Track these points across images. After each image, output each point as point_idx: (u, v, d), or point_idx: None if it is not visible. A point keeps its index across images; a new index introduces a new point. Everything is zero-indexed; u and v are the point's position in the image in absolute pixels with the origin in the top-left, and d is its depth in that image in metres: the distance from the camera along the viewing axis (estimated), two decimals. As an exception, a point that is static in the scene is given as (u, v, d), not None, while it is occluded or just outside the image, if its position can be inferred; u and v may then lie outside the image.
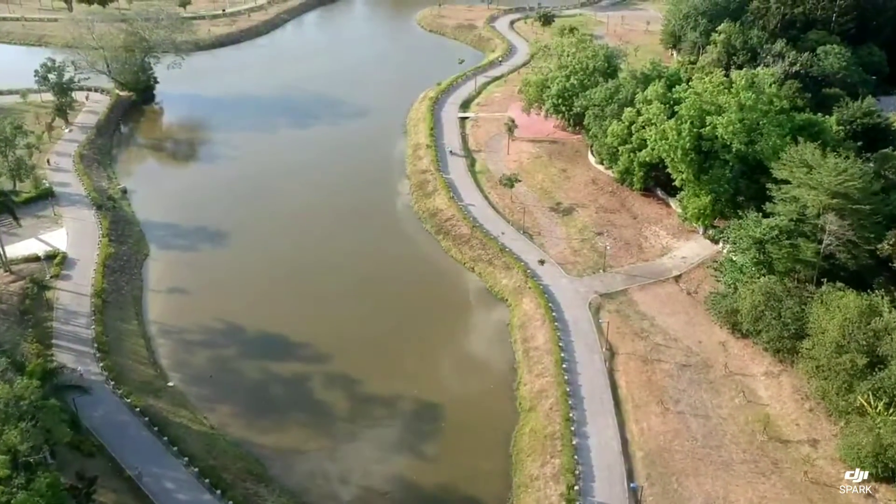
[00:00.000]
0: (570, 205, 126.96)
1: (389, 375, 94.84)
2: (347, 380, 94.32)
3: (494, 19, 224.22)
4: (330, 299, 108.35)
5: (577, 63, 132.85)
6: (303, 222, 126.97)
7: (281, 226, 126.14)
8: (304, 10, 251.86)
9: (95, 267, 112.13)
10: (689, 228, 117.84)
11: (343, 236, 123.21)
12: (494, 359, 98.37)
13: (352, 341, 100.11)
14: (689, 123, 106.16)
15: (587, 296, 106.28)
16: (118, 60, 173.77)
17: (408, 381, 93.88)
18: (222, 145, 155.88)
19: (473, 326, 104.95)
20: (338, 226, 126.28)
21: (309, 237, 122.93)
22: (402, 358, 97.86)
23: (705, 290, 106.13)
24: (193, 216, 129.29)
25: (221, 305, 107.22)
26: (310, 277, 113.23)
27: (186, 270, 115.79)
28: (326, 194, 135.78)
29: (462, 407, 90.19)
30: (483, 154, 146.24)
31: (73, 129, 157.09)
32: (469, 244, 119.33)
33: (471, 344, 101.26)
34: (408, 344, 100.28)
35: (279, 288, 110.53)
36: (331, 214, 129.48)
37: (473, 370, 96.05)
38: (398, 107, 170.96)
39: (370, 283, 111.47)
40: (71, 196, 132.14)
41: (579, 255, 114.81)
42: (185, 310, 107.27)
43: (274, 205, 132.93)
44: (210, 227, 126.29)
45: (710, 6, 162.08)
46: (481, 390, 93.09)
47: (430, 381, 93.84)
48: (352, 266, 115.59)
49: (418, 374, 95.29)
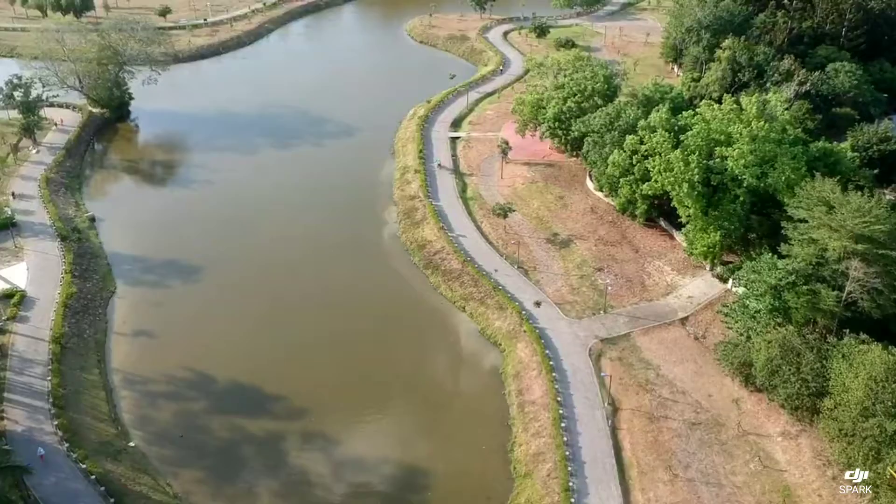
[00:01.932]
0: (568, 236, 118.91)
1: (372, 434, 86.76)
2: (326, 440, 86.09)
3: (487, 30, 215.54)
4: (308, 344, 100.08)
5: (574, 84, 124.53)
6: (282, 255, 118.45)
7: (258, 260, 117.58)
8: (290, 19, 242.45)
9: (56, 308, 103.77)
10: (695, 264, 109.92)
11: (324, 272, 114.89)
12: (487, 414, 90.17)
13: (332, 394, 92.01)
14: (696, 154, 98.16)
15: (587, 341, 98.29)
16: (90, 75, 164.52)
17: (392, 440, 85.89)
18: (199, 168, 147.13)
19: (464, 375, 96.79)
20: (319, 260, 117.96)
21: (288, 273, 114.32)
22: (386, 414, 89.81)
23: (714, 335, 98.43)
24: (165, 248, 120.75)
25: (191, 351, 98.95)
26: (287, 320, 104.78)
27: (154, 310, 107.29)
28: (308, 224, 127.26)
29: (452, 472, 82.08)
30: (475, 178, 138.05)
31: (40, 150, 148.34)
32: (460, 280, 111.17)
33: (461, 396, 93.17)
34: (393, 398, 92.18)
35: (254, 332, 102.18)
36: (312, 247, 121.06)
37: (464, 428, 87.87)
38: (386, 125, 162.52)
39: (353, 325, 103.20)
40: (34, 226, 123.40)
41: (578, 294, 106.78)
42: (152, 356, 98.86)
43: (251, 235, 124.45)
44: (182, 260, 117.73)
45: (714, 20, 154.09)
46: (473, 452, 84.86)
47: (416, 441, 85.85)
48: (333, 306, 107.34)
49: (403, 432, 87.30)
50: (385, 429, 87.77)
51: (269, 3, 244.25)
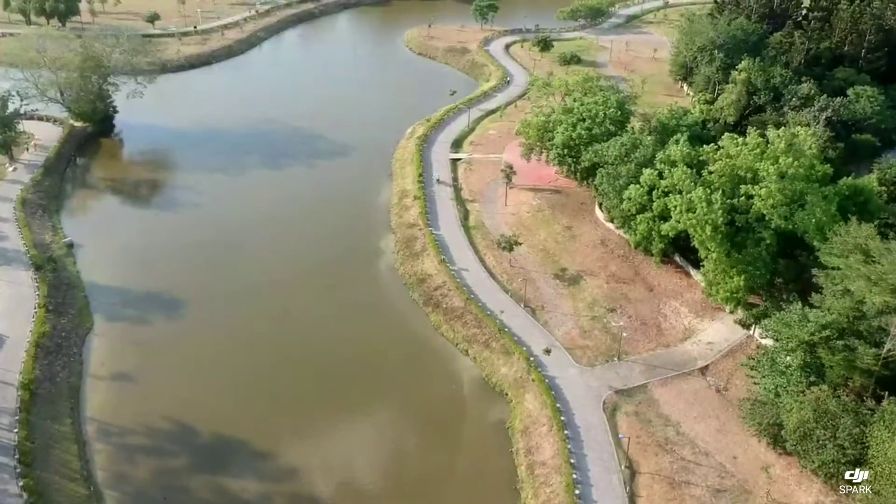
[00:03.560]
0: (578, 272, 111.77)
1: (368, 498, 79.49)
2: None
3: (489, 42, 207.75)
4: (299, 394, 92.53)
5: (584, 109, 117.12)
6: (272, 291, 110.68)
7: (245, 295, 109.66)
8: (283, 27, 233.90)
9: (27, 348, 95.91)
10: (713, 305, 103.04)
11: (317, 308, 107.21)
12: (493, 476, 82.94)
13: (323, 451, 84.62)
14: (720, 193, 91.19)
15: (601, 392, 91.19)
16: (72, 87, 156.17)
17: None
18: (185, 189, 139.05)
19: (468, 430, 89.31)
20: (311, 294, 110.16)
21: (278, 311, 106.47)
22: (383, 474, 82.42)
23: (737, 387, 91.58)
24: (147, 279, 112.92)
25: (172, 399, 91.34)
26: (276, 365, 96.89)
27: (134, 351, 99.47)
28: (300, 254, 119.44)
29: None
30: (477, 205, 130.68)
31: (17, 168, 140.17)
32: (462, 320, 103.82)
33: (465, 454, 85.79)
34: (389, 455, 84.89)
35: (240, 378, 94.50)
36: (304, 280, 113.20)
37: (468, 491, 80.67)
38: (384, 144, 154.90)
39: (347, 372, 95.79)
40: (7, 252, 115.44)
41: (590, 338, 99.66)
42: (130, 404, 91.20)
43: (238, 266, 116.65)
44: (165, 293, 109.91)
45: (728, 39, 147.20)
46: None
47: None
48: (325, 348, 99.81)
49: (402, 496, 79.97)
50: (381, 492, 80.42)
51: (262, 11, 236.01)
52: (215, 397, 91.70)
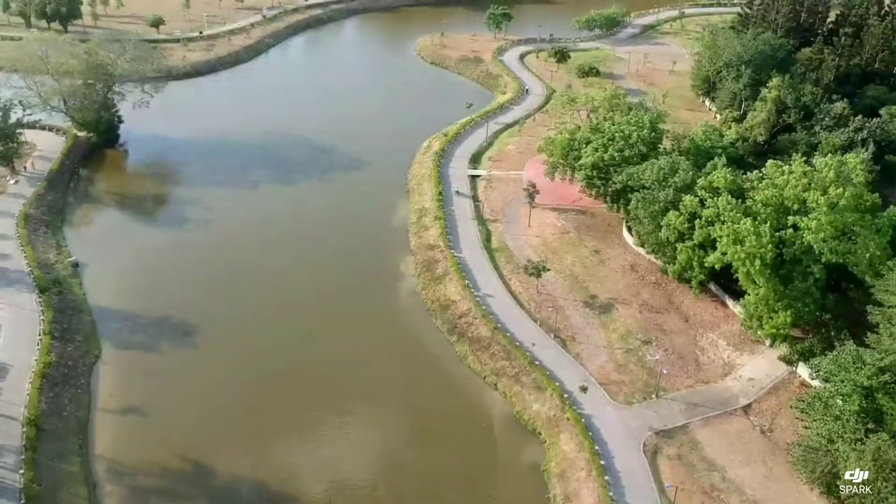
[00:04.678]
0: (608, 300, 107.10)
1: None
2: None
3: (502, 52, 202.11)
4: (320, 431, 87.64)
5: (616, 130, 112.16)
6: (287, 314, 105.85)
7: (259, 319, 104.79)
8: (291, 33, 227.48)
9: (31, 379, 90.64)
10: (753, 338, 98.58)
11: (336, 335, 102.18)
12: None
13: (348, 493, 79.75)
14: (768, 225, 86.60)
15: (640, 433, 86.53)
16: (76, 95, 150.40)
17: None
18: (194, 205, 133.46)
19: (501, 472, 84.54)
20: (329, 320, 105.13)
21: (294, 337, 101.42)
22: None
23: (783, 428, 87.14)
24: (156, 301, 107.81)
25: (186, 434, 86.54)
26: (294, 397, 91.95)
27: (145, 382, 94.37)
28: (316, 277, 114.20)
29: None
30: (499, 225, 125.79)
31: (19, 181, 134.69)
32: (490, 351, 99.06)
33: (499, 500, 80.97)
34: (417, 498, 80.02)
35: (257, 412, 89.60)
36: (321, 304, 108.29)
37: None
38: (399, 158, 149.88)
39: (368, 404, 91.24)
40: (9, 274, 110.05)
41: (625, 373, 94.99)
42: (141, 440, 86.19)
43: (251, 288, 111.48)
44: (174, 317, 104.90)
45: (756, 54, 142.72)
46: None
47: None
48: (347, 378, 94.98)
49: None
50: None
51: (269, 16, 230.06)
52: (231, 433, 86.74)
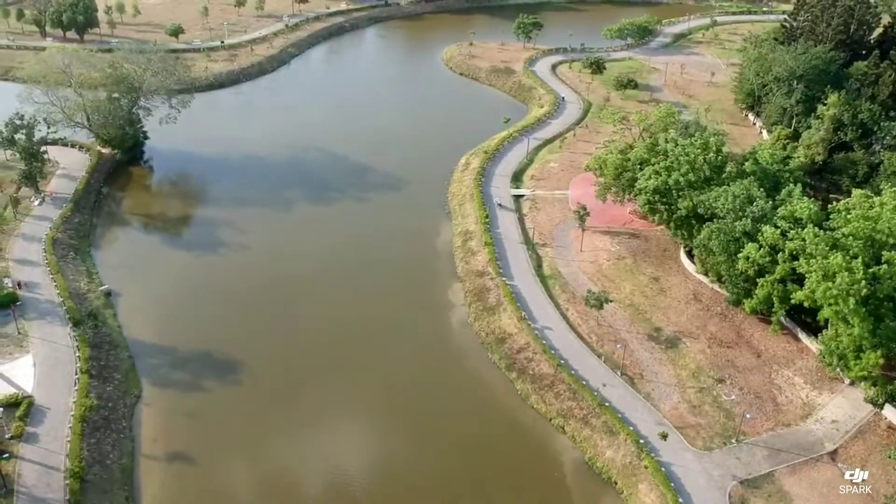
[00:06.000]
0: (674, 333, 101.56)
1: None
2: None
3: (533, 62, 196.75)
4: (379, 476, 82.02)
5: (680, 152, 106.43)
6: (334, 347, 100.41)
7: (304, 353, 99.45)
8: (313, 42, 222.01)
9: (71, 424, 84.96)
10: (830, 375, 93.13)
11: (389, 371, 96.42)
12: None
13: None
14: (860, 260, 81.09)
15: (724, 482, 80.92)
16: (100, 111, 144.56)
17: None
18: (226, 226, 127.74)
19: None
20: (380, 355, 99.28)
21: (341, 373, 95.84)
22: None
23: (874, 476, 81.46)
24: (195, 334, 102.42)
25: (236, 483, 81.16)
26: (347, 440, 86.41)
27: (189, 424, 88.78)
28: (361, 306, 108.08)
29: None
30: (549, 250, 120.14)
31: (44, 201, 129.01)
32: (554, 390, 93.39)
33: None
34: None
35: (308, 458, 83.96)
36: (370, 337, 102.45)
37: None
38: (436, 175, 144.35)
39: (428, 447, 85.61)
40: (40, 304, 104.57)
41: (701, 415, 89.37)
42: (190, 491, 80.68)
43: (293, 319, 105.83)
44: (216, 351, 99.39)
45: (809, 69, 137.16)
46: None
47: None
48: (403, 420, 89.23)
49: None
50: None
51: (291, 24, 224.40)
52: (283, 481, 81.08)
